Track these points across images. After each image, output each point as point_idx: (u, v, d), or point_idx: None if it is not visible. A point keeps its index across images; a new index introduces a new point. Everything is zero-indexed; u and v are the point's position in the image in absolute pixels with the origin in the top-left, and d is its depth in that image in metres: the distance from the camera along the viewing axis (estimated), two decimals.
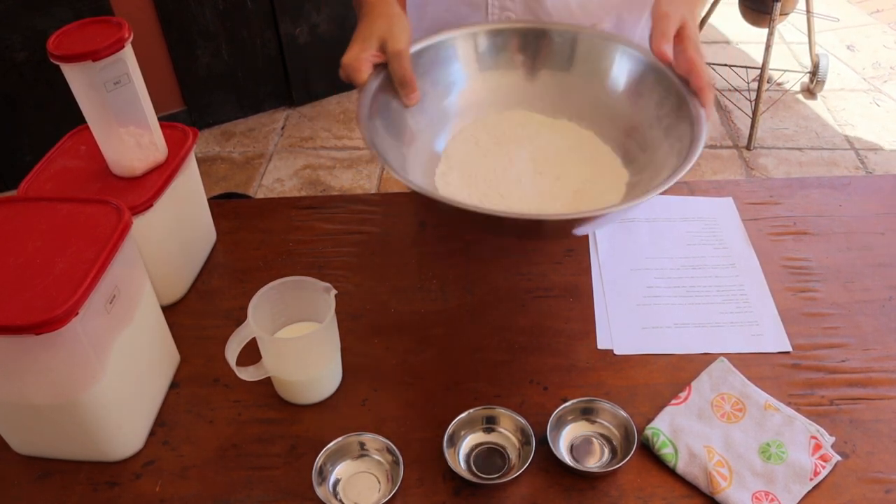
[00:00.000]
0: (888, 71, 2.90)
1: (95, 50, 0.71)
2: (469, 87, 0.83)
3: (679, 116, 0.73)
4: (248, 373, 0.73)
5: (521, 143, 0.81)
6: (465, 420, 0.71)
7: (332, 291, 0.73)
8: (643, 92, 0.79)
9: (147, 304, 0.74)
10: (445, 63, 0.82)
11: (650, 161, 0.74)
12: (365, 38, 0.75)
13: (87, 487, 0.69)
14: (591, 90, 0.82)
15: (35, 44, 2.18)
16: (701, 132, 0.69)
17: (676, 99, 0.74)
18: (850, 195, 1.01)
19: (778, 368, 0.78)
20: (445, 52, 0.82)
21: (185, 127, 0.87)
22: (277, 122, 2.71)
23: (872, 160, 2.44)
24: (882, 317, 0.84)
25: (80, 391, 0.65)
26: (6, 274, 0.62)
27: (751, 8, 2.45)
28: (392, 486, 0.66)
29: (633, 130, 0.78)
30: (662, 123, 0.75)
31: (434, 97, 0.81)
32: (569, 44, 0.82)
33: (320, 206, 1.02)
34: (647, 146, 0.76)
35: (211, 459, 0.71)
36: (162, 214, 0.81)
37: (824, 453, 0.69)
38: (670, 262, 0.91)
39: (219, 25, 2.50)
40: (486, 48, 0.83)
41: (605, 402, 0.72)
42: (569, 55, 0.82)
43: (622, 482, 0.68)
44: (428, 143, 0.80)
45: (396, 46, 0.74)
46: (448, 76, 0.82)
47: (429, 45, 0.81)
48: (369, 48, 0.75)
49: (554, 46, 0.83)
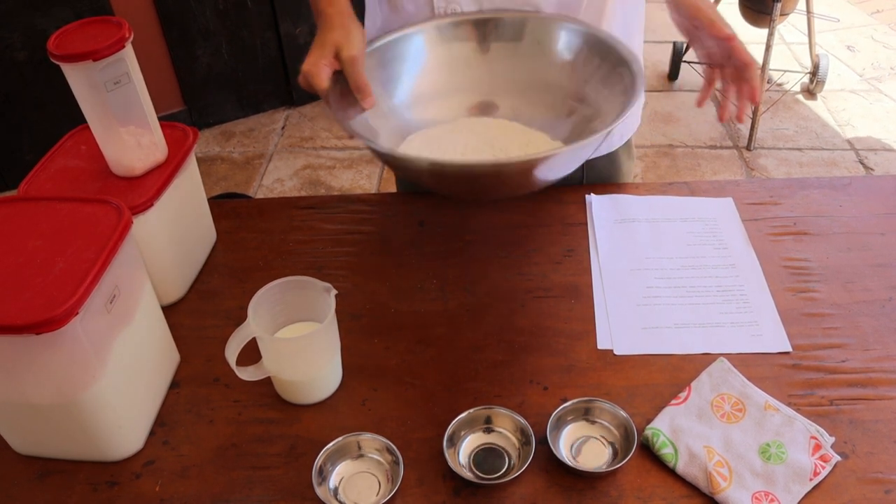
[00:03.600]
0: (888, 71, 2.90)
1: (96, 50, 0.71)
2: (423, 80, 0.89)
3: (617, 71, 0.81)
4: (248, 373, 0.73)
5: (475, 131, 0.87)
6: (465, 420, 0.71)
7: (332, 291, 0.73)
8: (585, 60, 0.86)
9: (147, 303, 0.74)
10: (399, 60, 0.88)
11: (596, 112, 0.82)
12: (321, 45, 0.79)
13: (86, 487, 0.69)
14: (538, 67, 0.89)
15: (35, 43, 2.18)
16: (638, 73, 0.77)
17: (615, 59, 0.82)
18: (850, 195, 1.01)
19: (778, 369, 0.78)
20: (398, 49, 0.88)
21: (186, 127, 0.87)
22: (277, 122, 2.71)
23: (872, 160, 2.44)
24: (882, 317, 0.84)
25: (80, 391, 0.65)
26: (6, 273, 0.62)
27: (751, 8, 2.45)
28: (392, 486, 0.66)
29: (580, 99, 0.85)
30: (600, 78, 0.83)
31: (386, 97, 0.86)
32: (517, 26, 0.89)
33: (320, 206, 1.02)
34: (591, 103, 0.83)
35: (211, 459, 0.71)
36: (162, 214, 0.81)
37: (824, 453, 0.69)
38: (670, 263, 0.91)
39: (219, 25, 2.50)
40: (438, 40, 0.89)
41: (605, 402, 0.72)
42: (516, 36, 0.89)
43: (622, 482, 0.68)
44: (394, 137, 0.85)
45: (350, 53, 0.78)
46: (401, 71, 0.88)
47: (383, 42, 0.87)
48: (326, 55, 0.78)
49: (501, 31, 0.89)
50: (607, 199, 1.00)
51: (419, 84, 0.90)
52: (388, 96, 0.87)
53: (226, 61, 2.58)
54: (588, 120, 0.84)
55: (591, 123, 0.82)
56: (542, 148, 0.85)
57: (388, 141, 0.84)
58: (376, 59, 0.86)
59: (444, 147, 0.85)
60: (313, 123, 2.69)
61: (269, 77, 2.69)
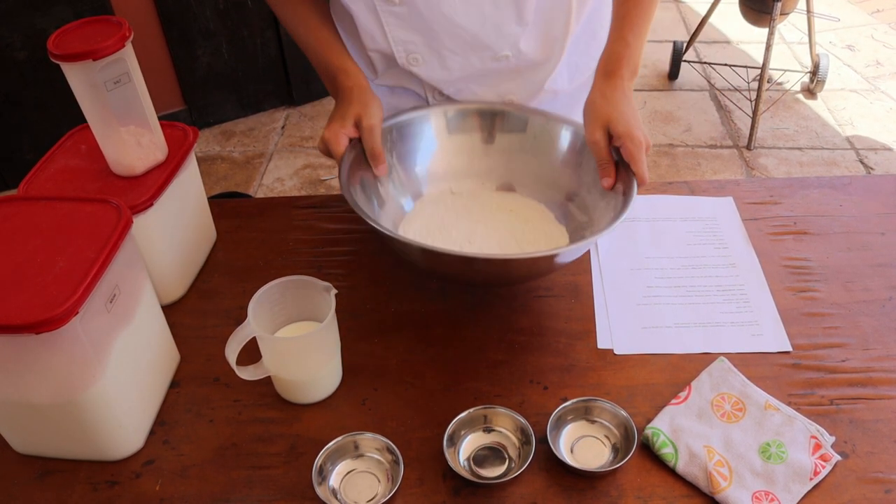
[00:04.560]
0: (888, 71, 2.90)
1: (96, 49, 0.71)
2: (431, 160, 0.93)
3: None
4: (248, 372, 0.73)
5: (473, 211, 0.90)
6: (465, 420, 0.71)
7: (332, 291, 0.73)
8: (581, 161, 0.87)
9: (147, 303, 0.74)
10: (411, 137, 0.91)
11: (590, 221, 0.84)
12: (343, 116, 0.84)
13: (86, 486, 0.69)
14: (537, 162, 0.91)
15: (35, 43, 2.18)
16: (633, 189, 0.77)
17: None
18: (850, 195, 1.01)
19: (778, 368, 0.78)
20: (412, 128, 0.92)
21: (186, 126, 0.87)
22: (277, 122, 2.71)
23: (873, 160, 2.44)
24: (882, 317, 0.84)
25: (80, 390, 0.65)
26: (6, 273, 0.62)
27: (751, 7, 2.45)
28: (392, 486, 0.66)
29: (574, 195, 0.88)
30: (597, 186, 0.83)
31: (400, 169, 0.90)
32: (521, 122, 0.92)
33: (320, 206, 1.02)
34: (587, 208, 0.85)
35: (211, 459, 0.71)
36: (162, 214, 0.81)
37: (824, 453, 0.69)
38: (670, 262, 0.91)
39: (219, 25, 2.50)
40: (449, 124, 0.93)
41: (605, 401, 0.72)
42: (520, 131, 0.92)
43: (622, 482, 0.68)
44: (397, 209, 0.89)
45: (370, 122, 0.83)
46: (413, 149, 0.92)
47: (397, 121, 0.90)
48: (347, 125, 0.83)
49: (508, 124, 0.93)
50: None
51: (425, 161, 0.93)
52: (400, 168, 0.91)
53: (226, 61, 2.58)
54: (579, 220, 0.86)
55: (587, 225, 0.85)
56: (551, 230, 0.88)
57: (392, 214, 0.88)
58: (391, 135, 0.90)
59: (445, 228, 0.87)
60: (313, 123, 2.69)
61: (269, 76, 2.69)
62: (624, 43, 0.82)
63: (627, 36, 0.83)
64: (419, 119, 0.92)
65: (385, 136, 0.87)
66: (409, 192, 0.91)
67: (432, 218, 0.88)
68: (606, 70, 0.82)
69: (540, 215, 0.89)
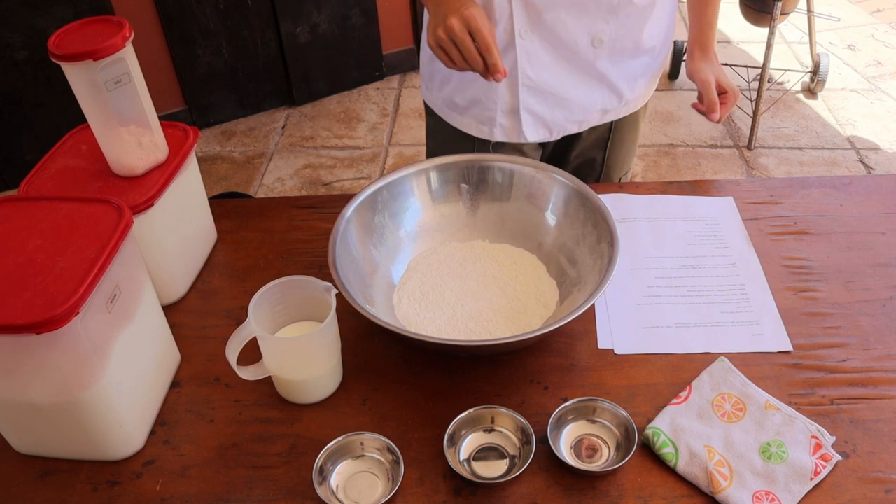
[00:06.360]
0: (889, 70, 2.90)
1: (96, 49, 0.71)
2: (422, 217, 0.93)
3: (600, 237, 0.83)
4: (248, 372, 0.73)
5: (466, 266, 0.90)
6: (465, 420, 0.71)
7: (332, 291, 0.73)
8: (569, 213, 0.88)
9: (148, 303, 0.74)
10: (401, 197, 0.91)
11: (578, 277, 0.84)
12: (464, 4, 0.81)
13: (87, 486, 0.69)
14: (525, 214, 0.92)
15: (36, 43, 2.18)
16: (615, 253, 0.79)
17: (597, 218, 0.84)
18: (850, 195, 1.01)
19: (778, 368, 0.78)
20: (401, 188, 0.91)
21: (186, 126, 0.87)
22: (278, 122, 2.71)
23: (873, 160, 2.44)
24: (882, 316, 0.84)
25: (80, 390, 0.65)
26: (7, 273, 0.62)
27: (752, 7, 2.45)
28: (392, 486, 0.66)
29: (563, 246, 0.88)
30: (587, 241, 0.85)
31: (392, 228, 0.90)
32: (507, 175, 0.93)
33: (321, 206, 1.02)
34: (576, 261, 0.86)
35: (211, 459, 0.71)
36: (162, 214, 0.81)
37: (825, 453, 0.69)
38: (671, 262, 0.91)
39: (219, 25, 2.50)
40: (436, 182, 0.93)
41: (606, 401, 0.72)
42: (507, 185, 0.93)
43: (622, 482, 0.68)
44: (386, 273, 0.88)
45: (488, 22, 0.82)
46: (403, 208, 0.91)
47: (385, 183, 0.90)
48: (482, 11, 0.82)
49: (493, 177, 0.93)
50: (608, 198, 1.00)
51: (416, 220, 0.93)
52: (396, 227, 0.91)
53: (226, 60, 2.58)
54: (570, 276, 0.86)
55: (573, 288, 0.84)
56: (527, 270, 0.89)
57: (380, 280, 0.87)
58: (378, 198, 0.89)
59: (438, 289, 0.86)
60: (314, 123, 2.69)
61: (269, 76, 2.69)
62: (708, 24, 1.05)
63: (711, 18, 1.06)
64: (407, 178, 0.91)
65: (375, 196, 0.88)
66: (401, 250, 0.90)
67: (424, 277, 0.88)
68: (701, 44, 1.06)
69: (531, 269, 0.89)
